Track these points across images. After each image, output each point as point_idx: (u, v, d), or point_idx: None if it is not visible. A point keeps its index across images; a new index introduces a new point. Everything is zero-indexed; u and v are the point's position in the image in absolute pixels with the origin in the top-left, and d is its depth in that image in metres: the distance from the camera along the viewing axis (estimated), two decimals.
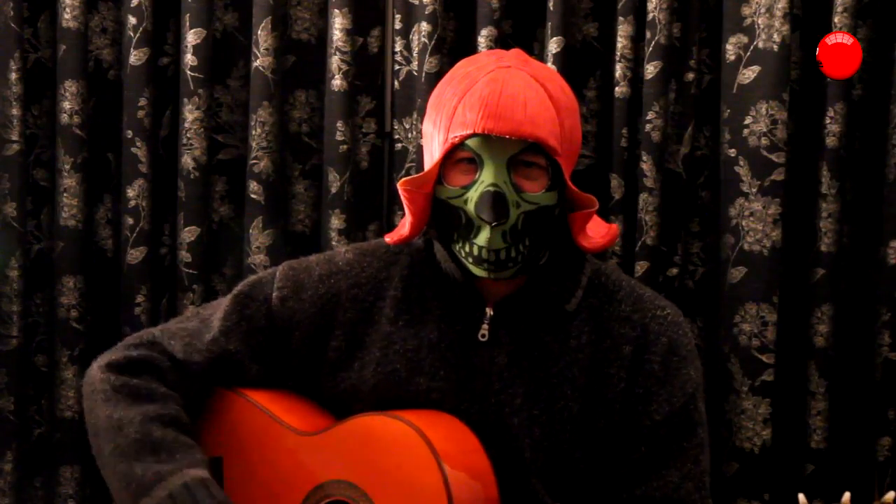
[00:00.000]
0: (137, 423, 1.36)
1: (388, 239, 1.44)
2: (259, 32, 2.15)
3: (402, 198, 1.39)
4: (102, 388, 1.41)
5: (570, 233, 1.41)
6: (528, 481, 1.37)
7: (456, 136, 1.32)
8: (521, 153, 1.33)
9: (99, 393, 1.41)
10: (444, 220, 1.37)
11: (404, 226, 1.42)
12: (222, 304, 1.50)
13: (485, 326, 1.41)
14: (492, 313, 1.41)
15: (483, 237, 1.33)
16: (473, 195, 1.33)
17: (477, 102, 1.32)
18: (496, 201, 1.31)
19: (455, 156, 1.35)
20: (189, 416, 1.42)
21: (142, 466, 1.32)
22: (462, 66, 1.40)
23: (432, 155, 1.39)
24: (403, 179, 1.38)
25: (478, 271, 1.36)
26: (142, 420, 1.36)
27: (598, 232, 1.42)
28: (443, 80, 1.41)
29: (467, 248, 1.35)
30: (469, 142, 1.33)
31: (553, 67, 1.44)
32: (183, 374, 1.44)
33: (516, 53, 1.40)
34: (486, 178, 1.32)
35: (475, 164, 1.34)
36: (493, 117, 1.30)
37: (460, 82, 1.36)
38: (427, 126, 1.40)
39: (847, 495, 1.19)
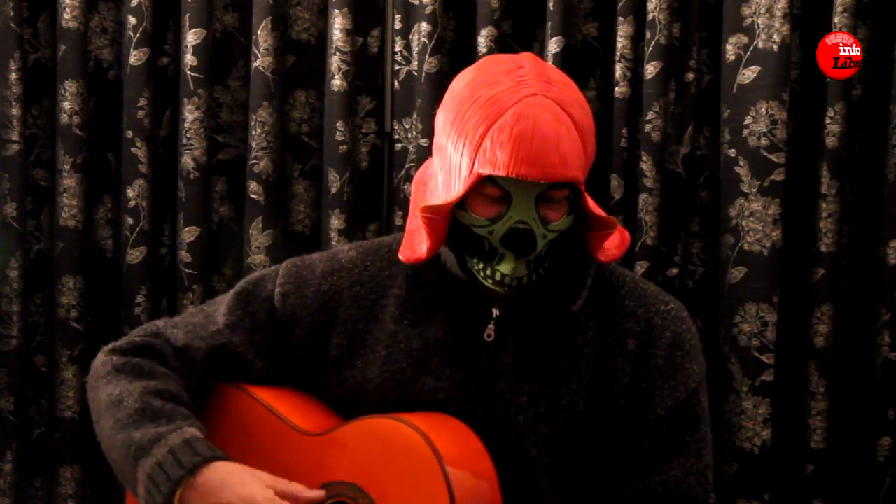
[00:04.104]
0: (137, 395, 1.37)
1: (402, 257, 1.41)
2: (259, 32, 2.15)
3: (423, 223, 1.36)
4: (104, 371, 1.43)
5: (579, 236, 1.41)
6: (534, 478, 1.37)
7: (485, 173, 1.29)
8: (550, 189, 1.31)
9: (101, 378, 1.43)
10: (465, 242, 1.36)
11: (421, 247, 1.38)
12: (225, 300, 1.50)
13: (490, 327, 1.41)
14: (498, 313, 1.41)
15: (507, 266, 1.33)
16: (501, 228, 1.31)
17: (508, 142, 1.27)
18: (526, 239, 1.31)
19: (482, 188, 1.32)
20: (190, 399, 1.42)
21: (141, 432, 1.33)
22: (481, 86, 1.33)
23: (450, 176, 1.35)
24: (424, 206, 1.34)
25: (496, 289, 1.36)
26: (141, 392, 1.37)
27: (612, 243, 1.42)
28: (459, 94, 1.35)
29: (488, 272, 1.35)
30: (498, 178, 1.30)
31: (568, 77, 1.38)
32: (184, 361, 1.45)
33: (535, 72, 1.33)
34: (515, 214, 1.30)
35: (503, 198, 1.31)
36: (527, 162, 1.27)
37: (485, 108, 1.30)
38: (445, 144, 1.35)
39: None
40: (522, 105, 1.29)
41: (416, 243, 1.41)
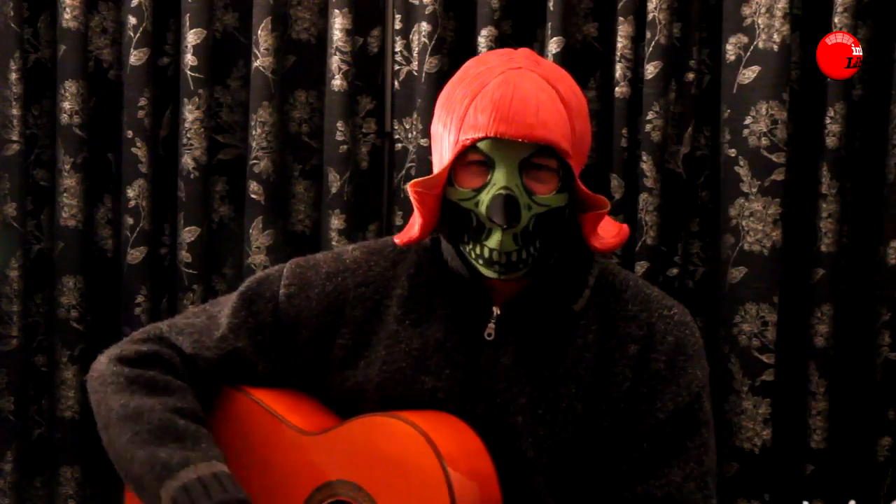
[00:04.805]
0: (159, 412, 1.35)
1: (397, 240, 1.43)
2: (259, 32, 2.15)
3: (413, 199, 1.38)
4: (114, 379, 1.41)
5: (579, 233, 1.41)
6: (532, 480, 1.37)
7: (467, 139, 1.32)
8: (533, 156, 1.32)
9: (110, 385, 1.40)
10: (455, 221, 1.37)
11: (413, 227, 1.41)
12: (230, 301, 1.50)
13: (491, 326, 1.41)
14: (499, 312, 1.41)
15: (494, 240, 1.33)
16: (485, 198, 1.33)
17: (488, 105, 1.31)
18: (508, 205, 1.31)
19: (466, 158, 1.34)
20: (203, 413, 1.42)
21: (167, 451, 1.31)
22: (472, 67, 1.39)
23: (442, 156, 1.38)
24: (413, 181, 1.37)
25: (488, 272, 1.36)
26: (163, 409, 1.36)
27: (609, 232, 1.42)
28: (452, 80, 1.40)
29: (478, 250, 1.35)
30: (480, 144, 1.32)
31: (563, 70, 1.43)
32: (193, 370, 1.44)
33: (526, 54, 1.39)
34: (498, 180, 1.32)
35: (486, 166, 1.33)
36: (505, 121, 1.30)
37: (470, 83, 1.35)
38: (437, 127, 1.39)
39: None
40: (506, 75, 1.34)
41: (409, 226, 1.43)
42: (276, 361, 1.48)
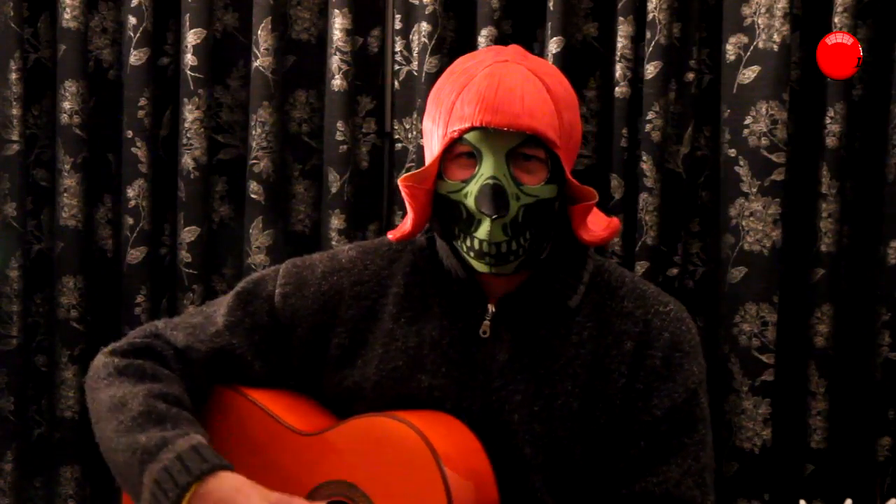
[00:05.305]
0: (141, 398, 1.36)
1: (390, 236, 1.45)
2: (259, 32, 2.15)
3: (404, 194, 1.40)
4: (106, 372, 1.42)
5: (570, 227, 1.41)
6: (528, 478, 1.37)
7: (454, 131, 1.33)
8: (520, 146, 1.33)
9: (102, 379, 1.42)
10: (446, 215, 1.38)
11: (406, 223, 1.42)
12: (225, 301, 1.51)
13: (486, 323, 1.41)
14: (493, 310, 1.41)
15: (483, 230, 1.34)
16: (473, 188, 1.33)
17: (474, 97, 1.32)
18: (496, 194, 1.32)
19: (454, 150, 1.36)
20: (191, 403, 1.42)
21: (146, 435, 1.31)
22: (460, 63, 1.41)
23: (432, 150, 1.39)
24: (404, 176, 1.38)
25: (479, 266, 1.36)
26: (146, 395, 1.36)
27: (598, 225, 1.43)
28: (442, 76, 1.42)
29: (469, 243, 1.36)
30: (468, 136, 1.33)
31: (556, 68, 1.44)
32: (185, 363, 1.45)
33: (515, 49, 1.41)
34: (486, 171, 1.33)
35: (474, 157, 1.34)
36: (491, 110, 1.31)
37: (458, 78, 1.37)
38: (426, 122, 1.41)
39: (848, 502, 1.19)
40: (492, 68, 1.36)
41: (403, 223, 1.44)
42: (272, 361, 1.49)
